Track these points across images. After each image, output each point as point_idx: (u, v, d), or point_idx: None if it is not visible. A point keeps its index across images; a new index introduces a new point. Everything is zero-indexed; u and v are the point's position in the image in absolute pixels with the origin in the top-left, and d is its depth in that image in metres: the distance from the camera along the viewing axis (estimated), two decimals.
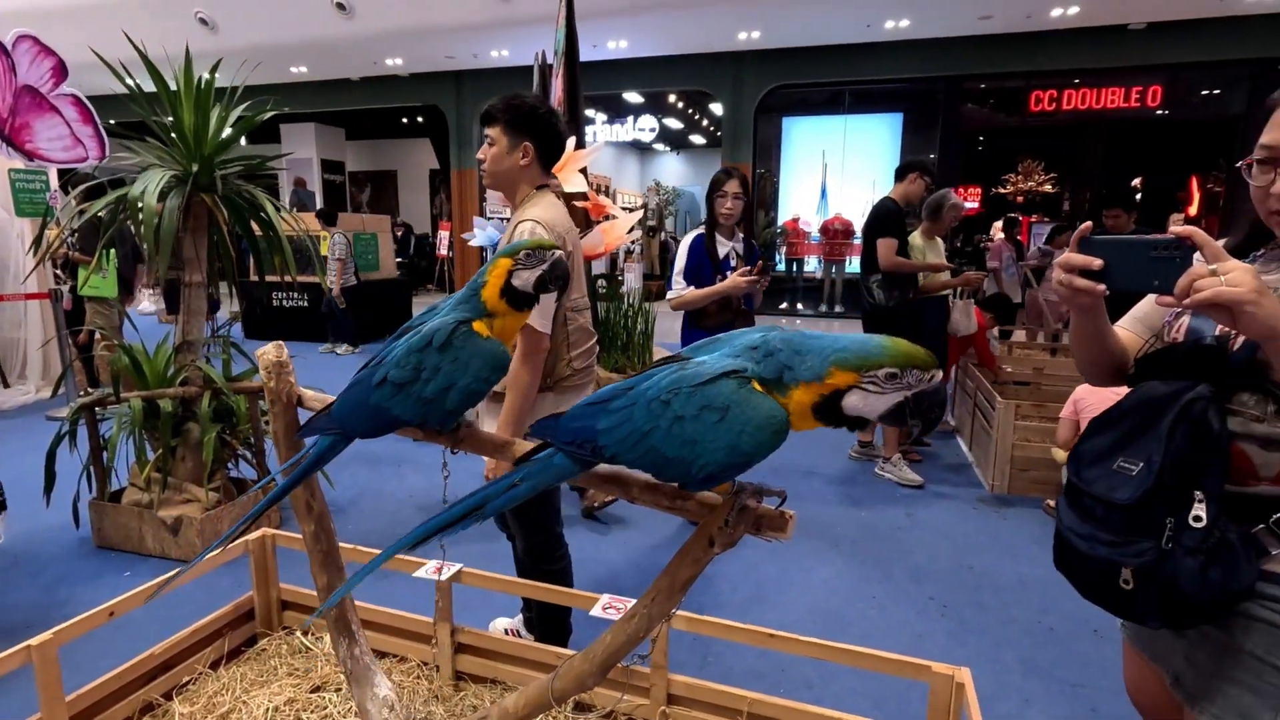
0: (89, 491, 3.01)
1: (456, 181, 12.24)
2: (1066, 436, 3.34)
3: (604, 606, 1.45)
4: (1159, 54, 8.88)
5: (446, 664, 1.63)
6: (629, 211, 4.32)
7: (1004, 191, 13.40)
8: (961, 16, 8.58)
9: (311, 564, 1.37)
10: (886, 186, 4.22)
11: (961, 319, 4.51)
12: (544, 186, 1.87)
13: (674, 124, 15.85)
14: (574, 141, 3.51)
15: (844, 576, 2.86)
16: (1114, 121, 11.05)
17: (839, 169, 11.91)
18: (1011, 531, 3.31)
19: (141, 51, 2.90)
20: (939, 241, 4.32)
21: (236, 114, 3.06)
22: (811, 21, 8.84)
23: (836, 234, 11.15)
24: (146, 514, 2.92)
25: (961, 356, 4.78)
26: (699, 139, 17.73)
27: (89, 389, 4.79)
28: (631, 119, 14.45)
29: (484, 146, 1.84)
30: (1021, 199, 13.23)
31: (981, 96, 11.61)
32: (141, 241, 2.84)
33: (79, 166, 4.48)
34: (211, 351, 3.18)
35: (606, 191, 12.85)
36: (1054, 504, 1.64)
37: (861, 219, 6.31)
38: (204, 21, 9.02)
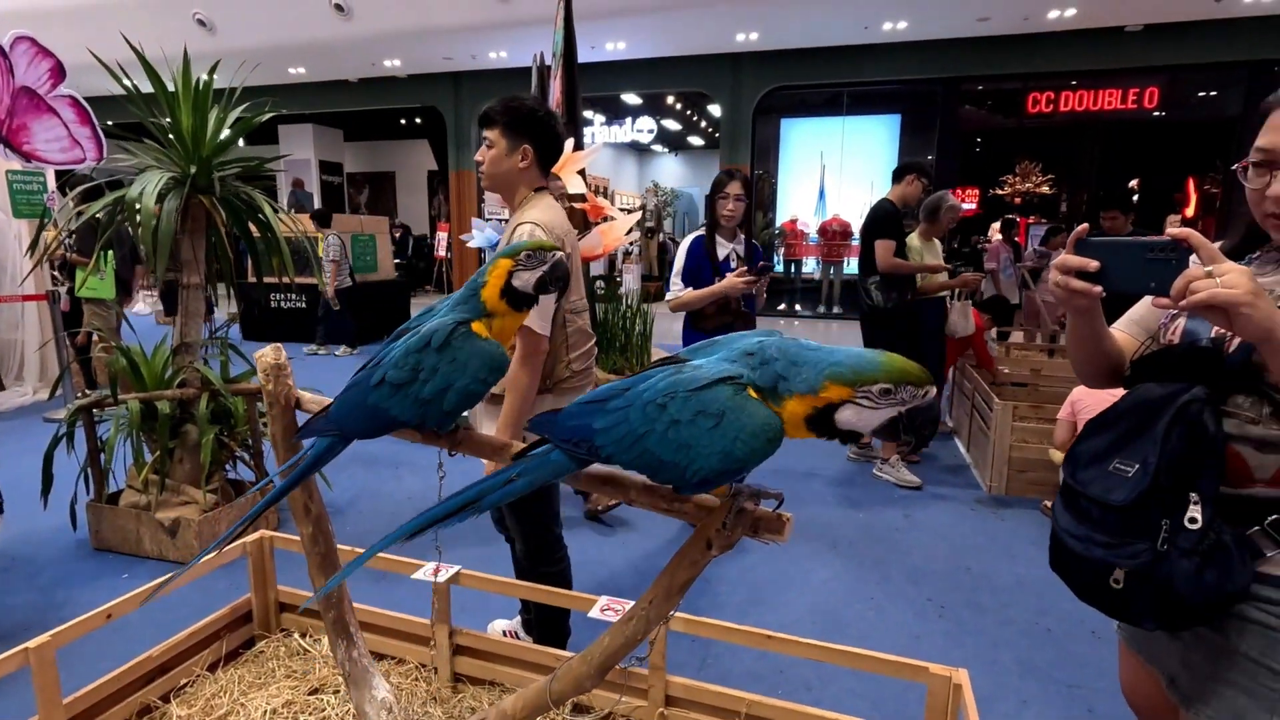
0: (86, 493, 3.01)
1: (455, 183, 12.24)
2: (1064, 438, 3.34)
3: (602, 608, 1.45)
4: (1156, 56, 8.91)
5: (445, 666, 1.63)
6: (627, 213, 4.31)
7: (1001, 193, 13.40)
8: (959, 18, 8.61)
9: (310, 566, 1.37)
10: (884, 188, 4.23)
11: (959, 320, 4.51)
12: (543, 188, 1.87)
13: (672, 125, 15.87)
14: (572, 143, 3.51)
15: (842, 578, 2.86)
16: (1111, 123, 11.06)
17: (837, 170, 11.93)
18: (1009, 533, 3.31)
19: (139, 53, 2.89)
20: (937, 243, 4.34)
21: (234, 115, 3.06)
22: (810, 23, 8.86)
23: (834, 235, 11.18)
24: (144, 516, 2.92)
25: (959, 358, 4.79)
26: (697, 140, 17.74)
27: (86, 390, 4.79)
28: (630, 120, 14.45)
29: (482, 149, 1.84)
30: (1019, 200, 13.22)
31: (979, 98, 11.63)
32: (139, 243, 2.83)
33: (77, 168, 4.48)
34: (209, 353, 3.18)
35: (605, 193, 12.89)
36: (1051, 505, 1.64)
37: (859, 220, 6.31)
38: (202, 23, 9.02)
